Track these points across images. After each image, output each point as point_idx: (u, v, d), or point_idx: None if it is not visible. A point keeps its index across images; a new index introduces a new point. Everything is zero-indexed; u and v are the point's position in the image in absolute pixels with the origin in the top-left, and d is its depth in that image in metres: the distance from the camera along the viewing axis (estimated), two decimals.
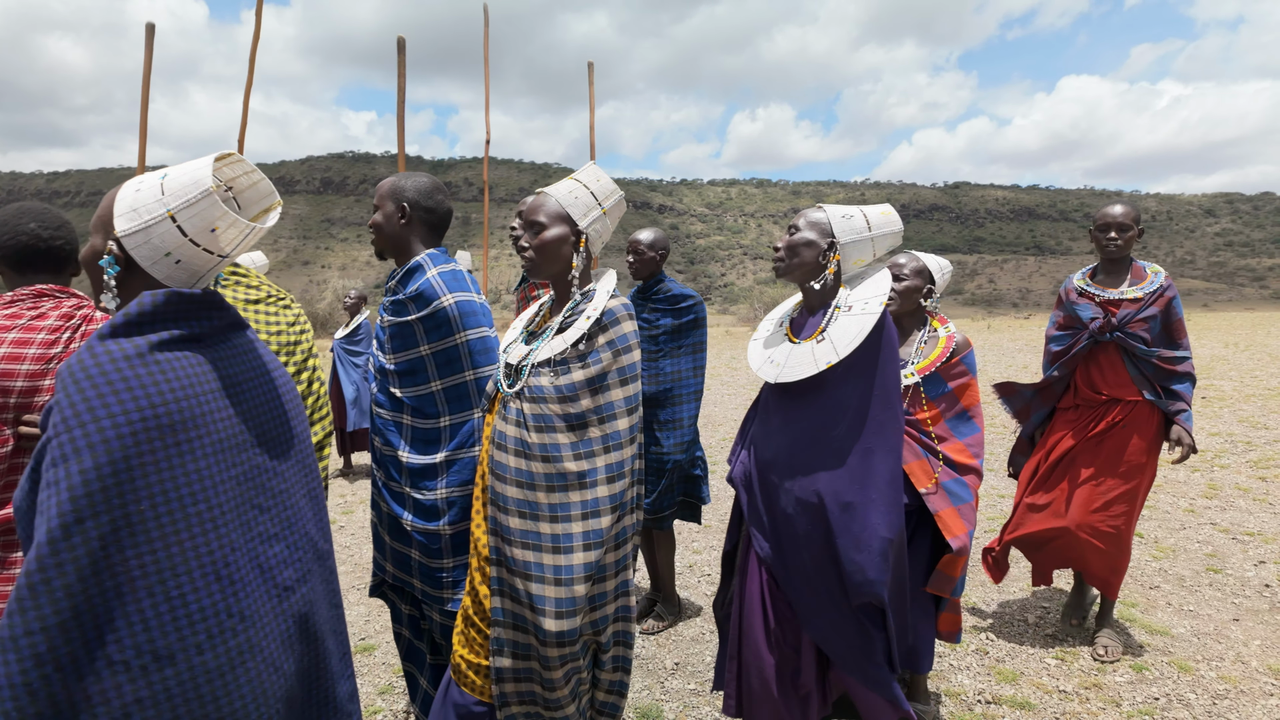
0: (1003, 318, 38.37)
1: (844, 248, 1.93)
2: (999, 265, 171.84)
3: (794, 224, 2.00)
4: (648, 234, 3.31)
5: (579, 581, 1.62)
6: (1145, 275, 3.11)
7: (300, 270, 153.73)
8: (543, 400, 1.68)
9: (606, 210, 1.83)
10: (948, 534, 2.34)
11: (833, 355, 1.83)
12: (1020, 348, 18.19)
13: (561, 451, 1.65)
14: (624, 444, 1.70)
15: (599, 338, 1.72)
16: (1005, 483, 5.90)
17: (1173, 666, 3.06)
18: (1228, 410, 8.88)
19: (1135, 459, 3.10)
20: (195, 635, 1.06)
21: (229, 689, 1.09)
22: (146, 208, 1.18)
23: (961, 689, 2.93)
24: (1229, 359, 14.74)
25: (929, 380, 2.50)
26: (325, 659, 1.31)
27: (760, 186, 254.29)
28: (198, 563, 1.08)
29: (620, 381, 1.72)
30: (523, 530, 1.65)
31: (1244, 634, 3.33)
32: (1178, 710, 2.75)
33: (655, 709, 2.83)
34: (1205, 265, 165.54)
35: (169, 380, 1.10)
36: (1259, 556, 4.24)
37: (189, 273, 1.22)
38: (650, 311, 3.31)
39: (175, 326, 1.15)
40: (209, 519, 1.10)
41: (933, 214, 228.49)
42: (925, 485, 2.41)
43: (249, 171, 1.33)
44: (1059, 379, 3.25)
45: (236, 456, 1.17)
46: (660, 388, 3.29)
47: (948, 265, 2.69)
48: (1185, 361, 3.08)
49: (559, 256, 1.78)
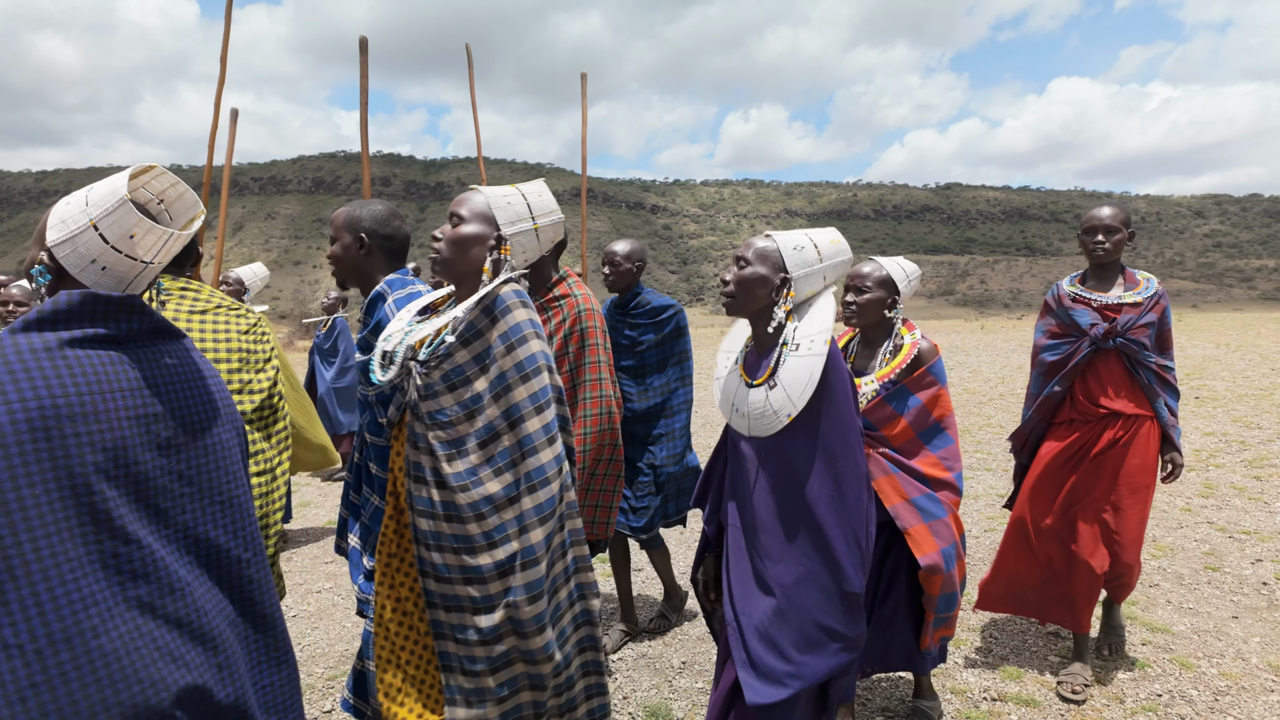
0: (995, 318, 38.57)
1: (796, 282, 1.82)
2: (990, 266, 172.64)
3: (742, 255, 1.86)
4: (623, 245, 3.20)
5: (523, 603, 1.56)
6: (1139, 281, 2.94)
7: (292, 270, 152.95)
8: (449, 424, 1.59)
9: (539, 227, 1.73)
10: (917, 552, 2.29)
11: (791, 407, 1.75)
12: (1014, 348, 18.30)
13: (479, 474, 1.56)
14: (539, 447, 1.59)
15: (491, 331, 1.60)
16: (1004, 482, 5.95)
17: (1174, 663, 3.09)
18: (1221, 410, 8.96)
19: (1141, 480, 2.90)
20: (90, 619, 1.09)
21: (125, 673, 1.12)
22: (73, 218, 1.26)
23: (967, 686, 2.95)
24: (1221, 359, 14.86)
25: (896, 394, 2.41)
26: (230, 663, 1.31)
27: (753, 187, 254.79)
28: (86, 551, 1.11)
29: (522, 379, 1.59)
30: (461, 565, 1.58)
31: (1243, 631, 3.37)
32: (1180, 706, 2.78)
33: (664, 707, 2.84)
34: (1194, 266, 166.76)
35: (73, 375, 1.14)
36: (1256, 555, 4.29)
37: (116, 279, 1.28)
38: (631, 328, 3.22)
39: (91, 326, 1.20)
40: (103, 510, 1.14)
41: (924, 215, 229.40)
42: (894, 501, 2.34)
43: (175, 184, 1.39)
44: (1059, 394, 3.01)
45: (140, 455, 1.21)
46: (651, 403, 3.21)
47: (914, 270, 2.56)
48: (1172, 372, 2.92)
49: (469, 257, 1.67)
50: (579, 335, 2.66)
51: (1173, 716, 2.72)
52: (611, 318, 3.27)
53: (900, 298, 2.47)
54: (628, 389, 3.20)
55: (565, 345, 2.64)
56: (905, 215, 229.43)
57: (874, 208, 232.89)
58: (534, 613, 1.57)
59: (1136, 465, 2.89)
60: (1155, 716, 2.72)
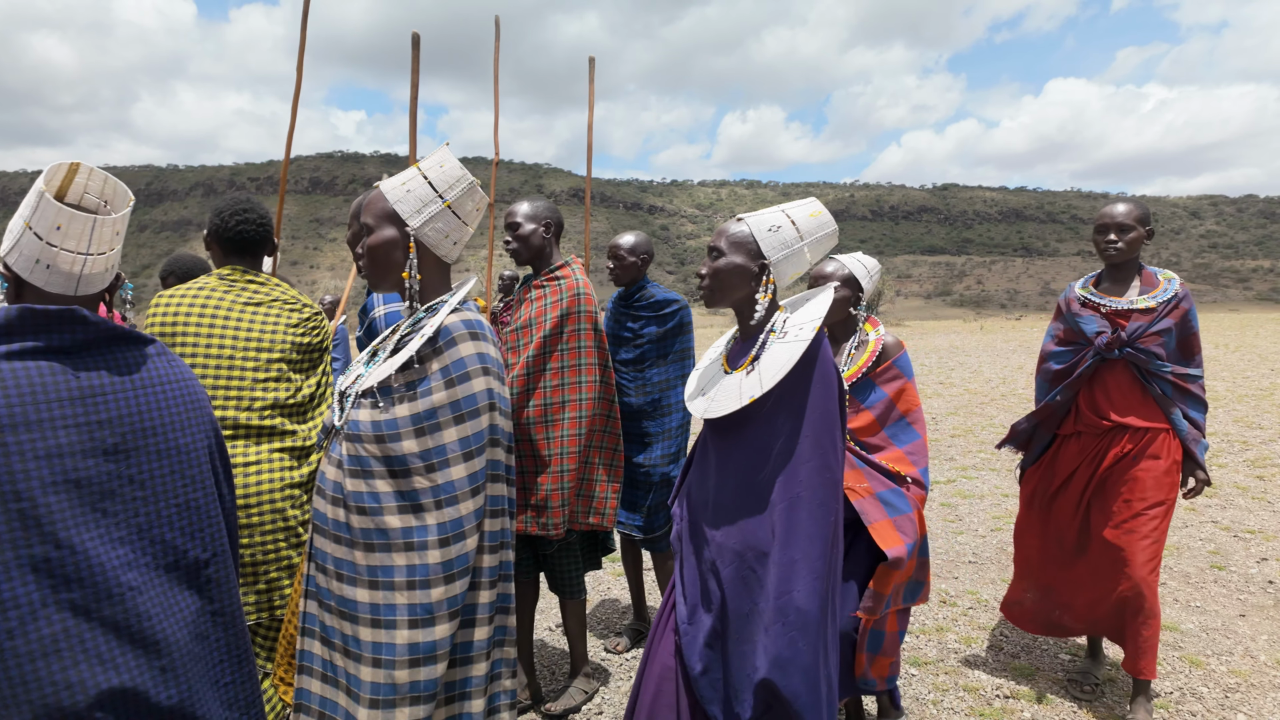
0: (993, 318, 38.66)
1: (776, 266, 1.67)
2: (987, 266, 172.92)
3: (714, 245, 1.72)
4: (629, 238, 3.16)
5: (401, 665, 1.35)
6: (1157, 282, 2.69)
7: (289, 270, 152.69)
8: (358, 439, 1.43)
9: (451, 203, 1.54)
10: (883, 544, 2.18)
11: (756, 389, 1.60)
12: (1014, 349, 18.37)
13: (381, 502, 1.40)
14: (460, 497, 1.40)
15: (432, 362, 1.43)
16: (1008, 482, 5.98)
17: (1184, 661, 3.12)
18: (1222, 410, 9.00)
19: (1153, 497, 2.64)
20: (7, 622, 1.14)
21: (40, 675, 1.16)
22: (15, 226, 1.32)
23: (979, 684, 2.97)
24: (1220, 359, 14.93)
25: (860, 386, 2.38)
26: (177, 665, 1.33)
27: (750, 188, 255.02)
28: (15, 556, 1.16)
29: (455, 419, 1.41)
30: (340, 597, 1.43)
31: (1251, 629, 3.40)
32: (1191, 704, 2.81)
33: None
34: (1190, 267, 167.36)
35: (5, 387, 1.19)
36: (1261, 553, 4.32)
37: (64, 275, 1.31)
38: (634, 320, 3.18)
39: (30, 339, 1.24)
40: (32, 516, 1.17)
41: (921, 215, 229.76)
42: (859, 496, 2.27)
43: (107, 179, 1.42)
44: (1062, 404, 2.82)
45: (81, 461, 1.24)
46: (648, 398, 3.17)
47: (875, 266, 2.53)
48: (1197, 381, 2.67)
49: (390, 263, 1.52)
50: (574, 316, 2.59)
51: (1184, 713, 2.75)
52: (615, 310, 3.25)
53: (864, 294, 2.46)
54: (625, 383, 3.17)
55: (560, 324, 2.58)
56: (902, 216, 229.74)
57: (871, 208, 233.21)
58: (409, 679, 1.37)
59: (1148, 481, 2.65)
60: (1167, 713, 2.75)
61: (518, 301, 2.74)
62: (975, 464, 6.60)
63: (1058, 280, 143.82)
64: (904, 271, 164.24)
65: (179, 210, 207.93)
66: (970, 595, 3.85)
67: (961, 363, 15.34)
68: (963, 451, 7.14)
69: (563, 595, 2.86)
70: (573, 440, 2.54)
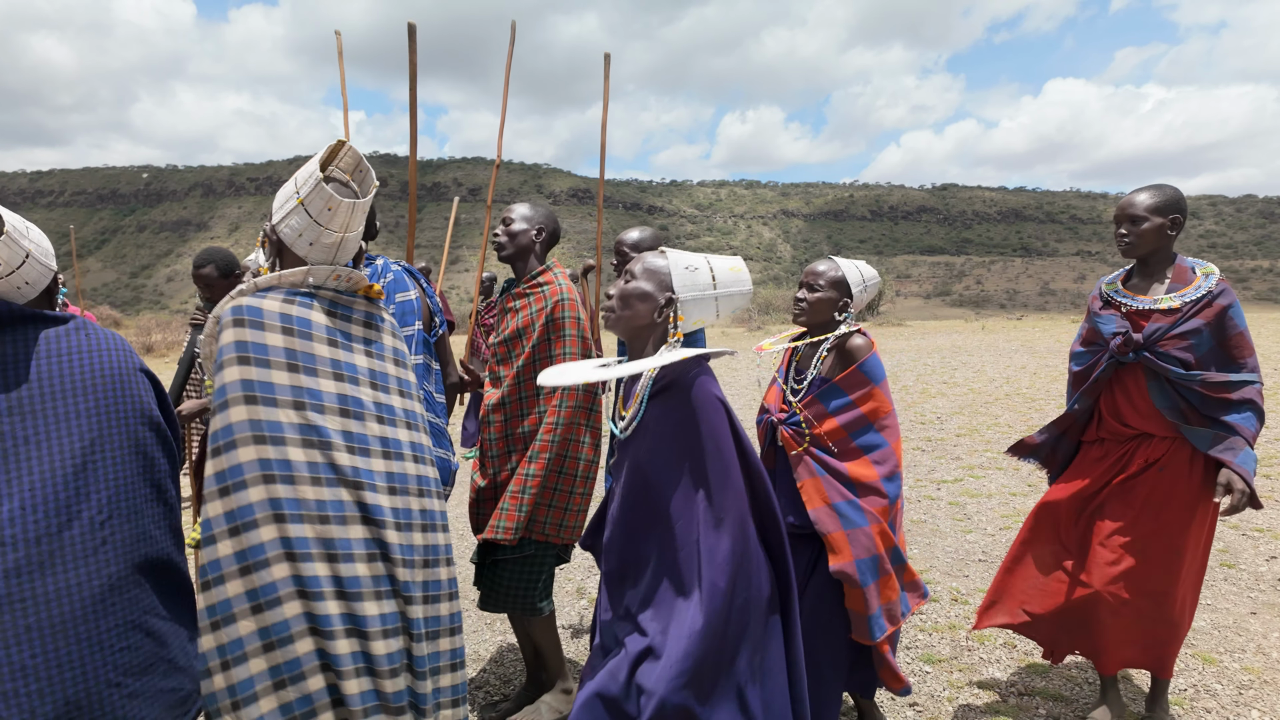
0: (994, 318, 38.67)
1: (684, 304, 1.68)
2: (986, 266, 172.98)
3: (630, 269, 1.74)
4: (635, 234, 2.99)
5: None
6: (1191, 278, 2.42)
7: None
8: None
9: (303, 199, 1.59)
10: (831, 557, 2.18)
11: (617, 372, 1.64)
12: (1016, 349, 18.34)
13: None
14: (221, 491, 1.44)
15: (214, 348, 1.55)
16: (1017, 481, 5.99)
17: (1197, 659, 3.14)
18: None
19: (1178, 509, 2.44)
20: None
21: None
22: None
23: (995, 681, 2.99)
24: None
25: (826, 392, 2.30)
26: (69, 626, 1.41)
27: (750, 188, 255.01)
28: None
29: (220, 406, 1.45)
30: None
31: (1262, 626, 3.42)
32: (1206, 700, 2.83)
33: None
34: None
35: None
36: (1270, 552, 4.34)
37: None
38: None
39: None
40: None
41: (921, 215, 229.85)
42: (816, 505, 2.23)
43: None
44: (1081, 411, 2.64)
45: None
46: None
47: (874, 277, 2.43)
48: (1245, 387, 2.36)
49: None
50: (557, 324, 2.56)
51: (1199, 710, 2.77)
52: None
53: (853, 302, 2.37)
54: None
55: (546, 332, 2.56)
56: (901, 216, 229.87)
57: (870, 208, 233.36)
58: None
59: (1175, 490, 2.44)
60: (1182, 710, 2.76)
61: (501, 310, 2.71)
62: (982, 463, 6.61)
63: (1057, 280, 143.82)
64: (903, 271, 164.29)
65: (178, 210, 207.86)
66: (981, 593, 3.86)
67: (964, 362, 15.33)
68: (969, 451, 7.15)
69: (519, 611, 2.63)
70: (544, 446, 2.49)
